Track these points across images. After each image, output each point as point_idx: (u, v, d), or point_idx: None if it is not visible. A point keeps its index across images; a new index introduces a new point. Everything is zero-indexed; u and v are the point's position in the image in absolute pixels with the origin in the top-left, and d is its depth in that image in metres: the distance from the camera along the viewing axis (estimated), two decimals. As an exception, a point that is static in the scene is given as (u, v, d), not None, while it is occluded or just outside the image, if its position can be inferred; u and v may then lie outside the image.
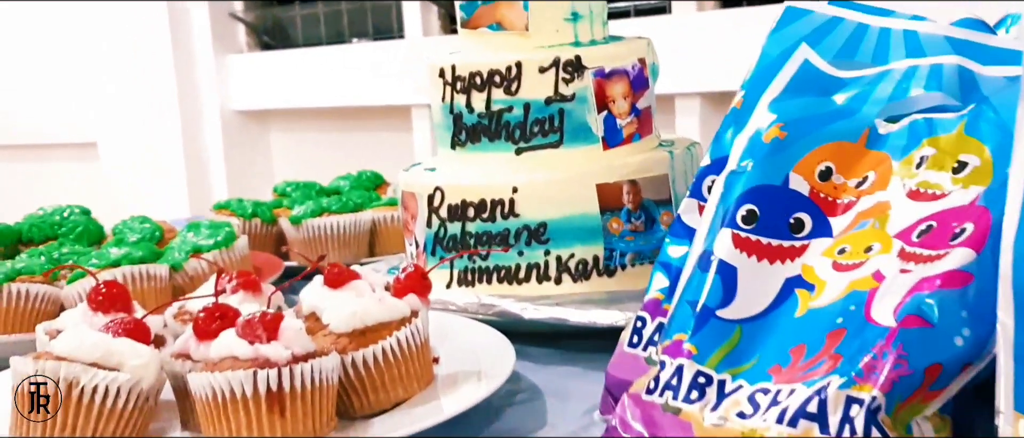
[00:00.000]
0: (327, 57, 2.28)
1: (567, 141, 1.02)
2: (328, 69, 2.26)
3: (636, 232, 1.01)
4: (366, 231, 1.25)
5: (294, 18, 2.43)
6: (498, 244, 1.01)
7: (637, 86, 1.05)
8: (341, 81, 2.25)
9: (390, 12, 2.28)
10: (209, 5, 2.39)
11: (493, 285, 1.02)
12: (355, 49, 2.28)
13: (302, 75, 2.31)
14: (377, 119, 2.30)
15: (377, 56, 2.21)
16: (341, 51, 2.28)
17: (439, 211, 1.04)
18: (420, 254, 1.07)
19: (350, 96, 2.24)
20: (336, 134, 2.36)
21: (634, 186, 1.01)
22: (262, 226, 1.29)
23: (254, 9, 2.44)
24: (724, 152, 0.86)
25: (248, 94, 2.41)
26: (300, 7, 2.41)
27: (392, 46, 2.20)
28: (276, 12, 2.44)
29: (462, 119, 1.05)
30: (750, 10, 1.81)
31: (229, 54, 2.42)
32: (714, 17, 1.85)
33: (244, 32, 2.44)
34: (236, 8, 2.42)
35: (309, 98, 2.32)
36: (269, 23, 2.45)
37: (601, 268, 1.00)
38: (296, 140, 2.44)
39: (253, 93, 2.41)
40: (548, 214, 1.00)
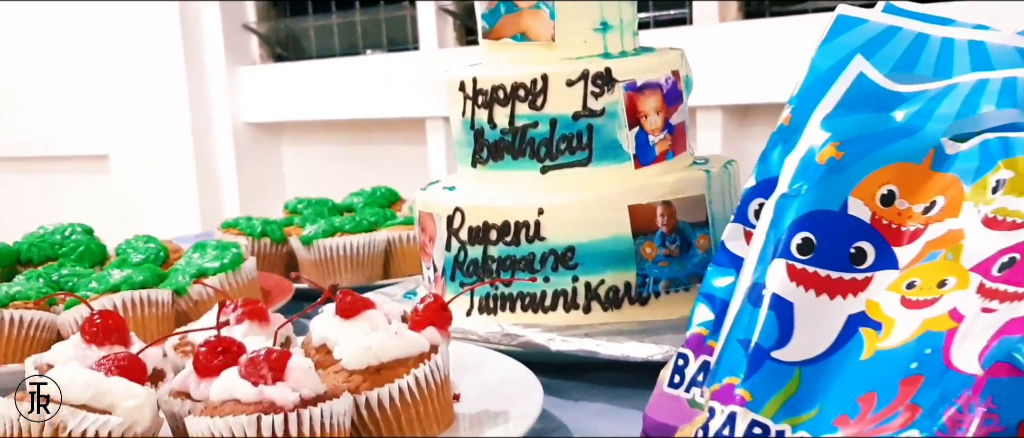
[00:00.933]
0: (340, 69, 2.20)
1: (596, 159, 0.94)
2: (341, 81, 2.19)
3: (671, 257, 0.92)
4: (381, 252, 1.17)
5: (307, 29, 2.36)
6: (522, 269, 0.93)
7: (670, 100, 0.96)
8: (355, 93, 2.17)
9: (404, 23, 2.20)
10: (221, 16, 2.31)
11: (517, 313, 0.93)
12: (369, 61, 2.20)
13: (315, 87, 2.23)
14: (391, 132, 2.22)
15: (391, 68, 2.13)
16: (355, 63, 2.20)
17: (459, 233, 0.95)
18: (438, 279, 0.98)
19: (364, 109, 2.16)
20: (349, 147, 2.28)
21: (668, 208, 0.92)
22: (272, 246, 1.21)
23: (267, 20, 2.36)
24: (772, 173, 0.78)
25: (260, 106, 2.33)
26: (313, 18, 2.33)
27: (406, 58, 2.12)
28: (289, 23, 2.37)
29: (484, 135, 0.96)
30: (773, 21, 1.72)
31: (241, 65, 2.34)
32: (736, 28, 1.76)
33: (257, 43, 2.36)
34: (249, 19, 2.35)
35: (322, 110, 2.24)
36: (282, 34, 2.37)
37: (633, 296, 0.92)
38: (309, 153, 2.36)
39: (265, 105, 2.33)
40: (576, 237, 0.91)
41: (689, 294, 0.93)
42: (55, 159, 2.63)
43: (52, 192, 2.65)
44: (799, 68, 0.83)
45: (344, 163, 2.30)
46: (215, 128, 2.37)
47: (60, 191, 2.64)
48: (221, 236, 1.22)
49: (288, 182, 2.41)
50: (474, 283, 0.95)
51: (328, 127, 2.30)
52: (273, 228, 1.21)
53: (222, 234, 1.23)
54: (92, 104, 2.50)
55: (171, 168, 2.39)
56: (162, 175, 2.41)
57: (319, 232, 1.14)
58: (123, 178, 2.48)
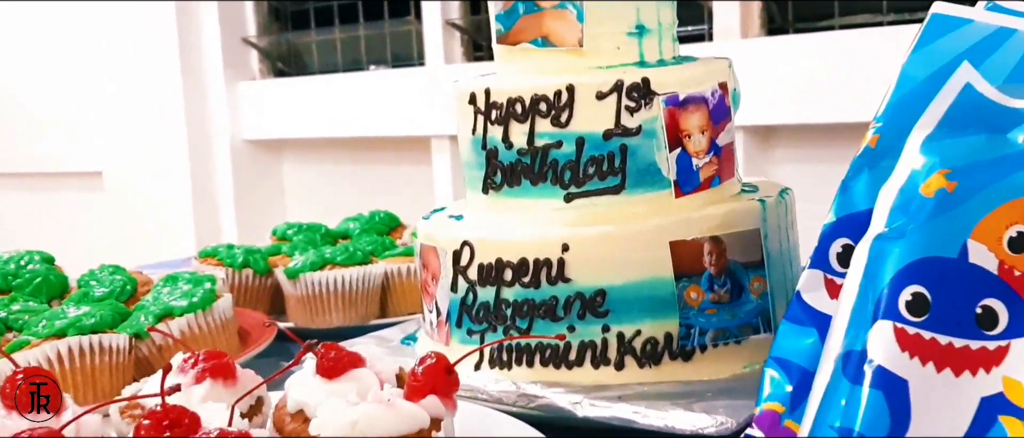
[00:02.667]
0: (343, 85, 2.05)
1: (630, 186, 0.76)
2: (344, 97, 2.03)
3: (720, 303, 0.75)
4: (377, 287, 0.99)
5: (309, 44, 2.20)
6: (543, 316, 0.75)
7: (717, 117, 0.79)
8: (358, 110, 2.02)
9: (410, 38, 2.04)
10: (221, 29, 2.16)
11: (536, 369, 0.76)
12: (373, 77, 2.05)
13: (317, 104, 2.08)
14: (395, 151, 2.06)
15: (396, 85, 1.98)
16: (358, 79, 2.05)
17: (467, 272, 0.78)
18: (442, 325, 0.81)
19: (367, 126, 2.01)
20: (352, 165, 2.13)
21: (717, 245, 0.75)
22: (255, 278, 1.04)
23: (267, 34, 2.20)
24: (857, 207, 0.61)
25: (260, 123, 2.18)
26: (316, 32, 2.18)
27: (412, 74, 1.97)
28: (291, 37, 2.21)
29: (497, 156, 0.79)
30: (798, 38, 1.55)
31: (241, 81, 2.19)
32: (758, 45, 1.59)
33: (257, 58, 2.21)
34: (249, 33, 2.19)
35: (324, 128, 2.09)
36: (283, 49, 2.21)
37: (675, 349, 0.74)
38: (310, 172, 2.20)
39: (265, 122, 2.18)
40: (607, 279, 0.74)
41: (741, 348, 0.75)
42: (47, 175, 2.46)
43: (43, 210, 2.48)
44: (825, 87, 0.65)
45: (346, 182, 2.14)
46: (213, 145, 2.21)
47: (52, 209, 2.47)
48: (197, 266, 1.05)
49: (288, 202, 2.25)
50: (485, 331, 0.77)
51: (330, 145, 2.15)
52: (257, 258, 1.04)
53: (199, 264, 1.05)
54: (86, 119, 2.34)
55: (167, 186, 2.24)
56: (157, 193, 2.26)
57: (306, 265, 0.96)
58: (117, 196, 2.32)
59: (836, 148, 1.55)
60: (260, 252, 1.06)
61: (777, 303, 0.77)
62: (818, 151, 1.60)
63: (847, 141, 1.58)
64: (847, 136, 1.51)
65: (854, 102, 1.44)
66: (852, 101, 1.44)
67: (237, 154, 2.20)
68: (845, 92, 1.46)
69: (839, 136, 1.53)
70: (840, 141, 1.53)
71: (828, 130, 1.54)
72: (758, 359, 0.75)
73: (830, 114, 1.49)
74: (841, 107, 1.47)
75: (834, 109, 1.48)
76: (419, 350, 0.84)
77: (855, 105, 1.45)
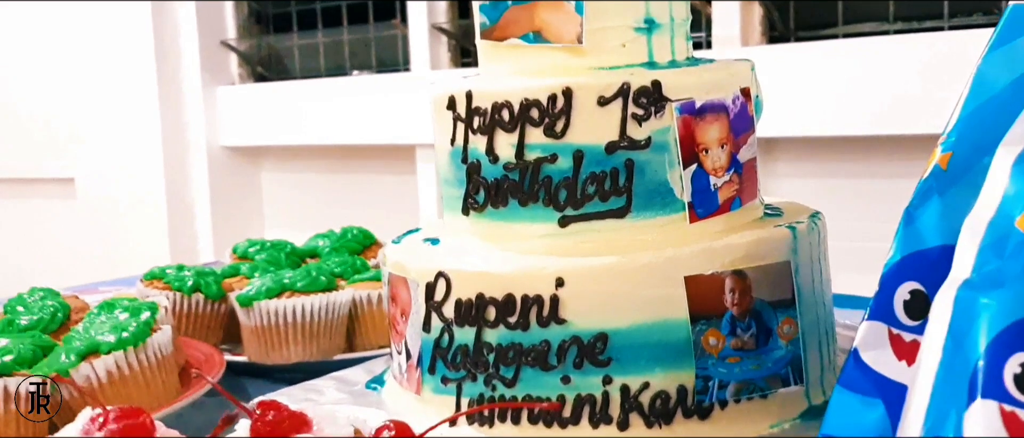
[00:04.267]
0: (326, 90, 1.93)
1: (637, 208, 0.62)
2: (327, 104, 1.93)
3: (743, 350, 0.61)
4: (342, 317, 0.85)
5: (291, 48, 2.07)
6: (532, 364, 0.61)
7: (739, 128, 0.65)
8: (341, 117, 1.91)
9: (395, 43, 1.93)
10: (198, 32, 2.04)
11: (523, 426, 0.62)
12: (356, 82, 1.94)
13: (298, 109, 1.97)
14: (379, 159, 1.93)
15: (380, 90, 1.86)
16: (341, 84, 1.94)
17: (442, 309, 0.64)
18: (412, 370, 0.67)
19: (350, 134, 1.90)
20: (334, 174, 2.01)
21: (741, 281, 0.61)
22: (206, 304, 0.89)
23: (247, 37, 2.07)
24: (926, 243, 0.47)
25: (239, 129, 2.06)
26: (298, 36, 2.05)
27: (397, 79, 1.86)
28: (271, 41, 2.08)
29: (480, 172, 0.65)
30: (800, 47, 1.42)
31: (219, 85, 2.07)
32: (759, 54, 1.45)
33: (236, 62, 2.09)
34: (228, 36, 2.06)
35: (305, 135, 1.97)
36: (263, 52, 2.09)
37: (690, 406, 0.60)
38: (290, 180, 2.08)
39: (244, 128, 2.06)
40: (610, 321, 0.60)
41: (767, 404, 0.62)
42: (16, 181, 2.32)
43: (12, 218, 2.34)
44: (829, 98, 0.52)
45: (328, 191, 2.01)
46: (190, 152, 2.09)
47: (21, 217, 2.32)
48: (142, 290, 0.91)
49: (267, 211, 2.11)
50: (462, 380, 0.64)
51: (311, 153, 2.02)
52: (209, 282, 0.89)
53: (143, 288, 0.91)
54: (57, 123, 2.21)
55: (141, 194, 2.11)
56: (132, 202, 2.12)
57: (261, 291, 0.82)
58: (89, 204, 2.19)
59: (842, 162, 1.43)
60: (214, 274, 0.92)
61: (809, 351, 0.63)
62: (823, 165, 1.47)
63: (854, 155, 1.45)
64: (853, 150, 1.38)
65: (860, 114, 1.32)
66: (858, 113, 1.31)
67: (215, 161, 2.08)
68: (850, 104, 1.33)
69: (845, 150, 1.41)
70: (846, 155, 1.41)
71: (833, 143, 1.42)
72: (787, 417, 0.61)
73: (835, 127, 1.36)
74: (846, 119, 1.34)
75: (839, 121, 1.36)
76: (386, 398, 0.70)
77: (861, 117, 1.32)
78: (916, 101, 1.25)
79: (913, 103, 1.26)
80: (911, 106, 1.26)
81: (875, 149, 1.37)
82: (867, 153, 1.38)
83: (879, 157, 1.37)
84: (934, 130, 1.27)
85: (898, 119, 1.28)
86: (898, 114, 1.28)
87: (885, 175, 1.36)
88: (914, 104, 1.26)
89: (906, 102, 1.26)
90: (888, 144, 1.34)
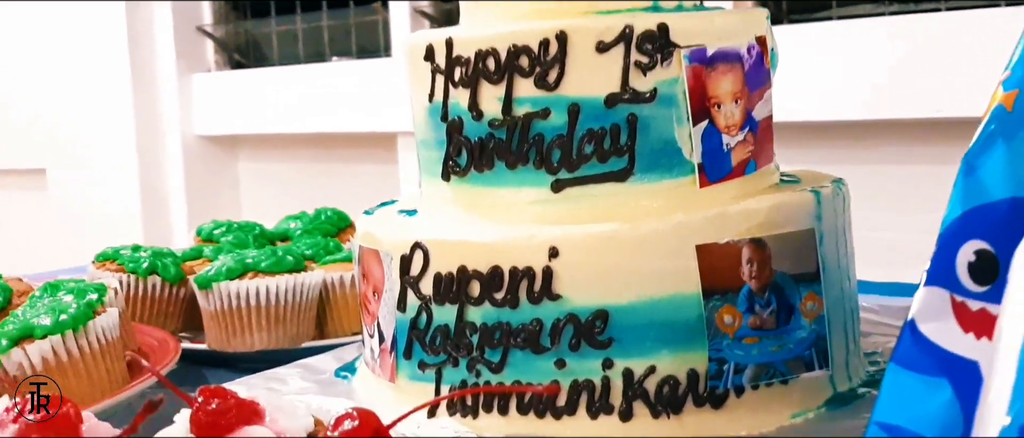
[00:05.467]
0: (304, 77, 1.86)
1: (641, 170, 0.54)
2: (305, 91, 1.87)
3: (762, 330, 0.53)
4: (312, 301, 0.76)
5: (269, 34, 2.00)
6: (522, 346, 0.53)
7: (754, 82, 0.57)
8: (320, 105, 1.85)
9: (376, 28, 1.86)
10: (173, 18, 1.96)
11: (511, 417, 0.53)
12: (336, 69, 1.87)
13: (276, 97, 1.91)
14: (360, 148, 1.86)
15: (361, 77, 1.79)
16: (320, 71, 1.87)
17: (420, 285, 0.55)
18: (385, 355, 0.58)
19: (329, 121, 1.84)
20: (312, 164, 1.94)
21: (760, 251, 0.52)
22: (164, 288, 0.81)
23: (224, 23, 2.00)
24: (991, 196, 0.39)
25: (215, 118, 1.99)
26: (276, 22, 1.98)
27: (378, 66, 1.80)
28: (248, 27, 2.00)
29: (462, 130, 0.57)
30: (792, 29, 1.35)
31: (195, 73, 2.01)
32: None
33: (212, 48, 2.01)
34: (204, 21, 1.98)
35: (283, 123, 1.91)
36: (240, 39, 2.02)
37: (702, 393, 0.52)
38: (267, 170, 2.00)
39: (221, 117, 1.99)
40: (610, 296, 0.52)
41: (789, 390, 0.53)
42: (-15, 172, 2.23)
43: (-19, 209, 2.25)
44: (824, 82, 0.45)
45: (306, 182, 1.94)
46: (164, 141, 2.02)
47: (-10, 208, 2.23)
48: (92, 273, 0.82)
49: (244, 202, 2.03)
50: (442, 365, 0.55)
51: (289, 142, 1.95)
52: (167, 263, 0.80)
53: (95, 270, 0.82)
54: (27, 113, 2.12)
55: (114, 185, 2.04)
56: (104, 193, 2.05)
57: (222, 272, 0.73)
58: (61, 195, 2.11)
59: (837, 148, 1.35)
60: (172, 256, 0.83)
61: (834, 331, 0.55)
62: (818, 151, 1.39)
63: (849, 140, 1.38)
64: (849, 135, 1.30)
65: (855, 99, 1.24)
66: (853, 98, 1.23)
67: (190, 151, 2.00)
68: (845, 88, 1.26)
69: (840, 135, 1.33)
70: (841, 140, 1.33)
71: (827, 129, 1.34)
72: (810, 405, 0.53)
73: (829, 111, 1.29)
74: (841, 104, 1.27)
75: (834, 106, 1.28)
76: (357, 387, 0.61)
77: (856, 102, 1.25)
78: (911, 84, 1.17)
79: (908, 86, 1.18)
80: (906, 89, 1.19)
81: (870, 134, 1.29)
82: (862, 139, 1.31)
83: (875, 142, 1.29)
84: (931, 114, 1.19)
85: (893, 103, 1.21)
86: (893, 98, 1.21)
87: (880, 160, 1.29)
88: (909, 87, 1.18)
89: (901, 85, 1.18)
90: (884, 129, 1.26)
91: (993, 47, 1.12)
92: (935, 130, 1.19)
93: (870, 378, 0.58)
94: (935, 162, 1.16)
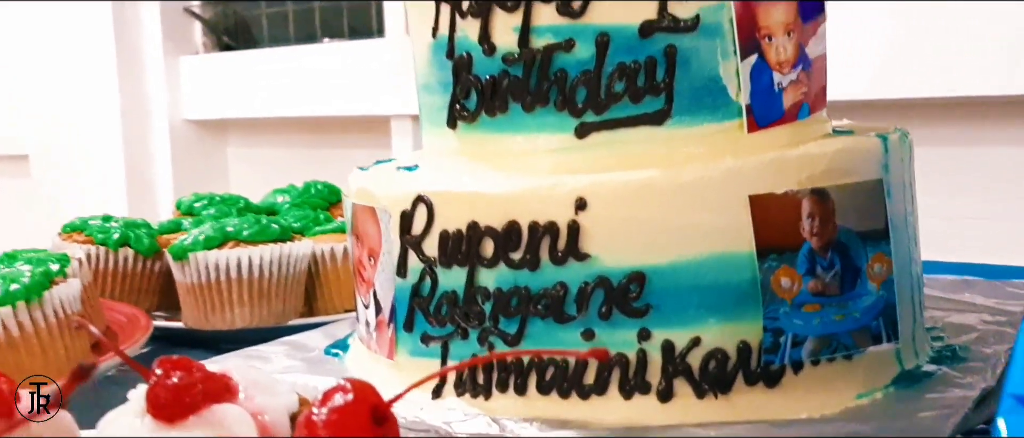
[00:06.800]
0: (295, 60, 1.80)
1: (680, 112, 0.46)
2: (296, 74, 1.80)
3: (825, 296, 0.44)
4: (300, 274, 0.67)
5: (259, 16, 1.93)
6: (544, 315, 0.44)
7: (808, 13, 0.49)
8: (311, 88, 1.79)
9: (368, 10, 1.79)
10: None
11: (530, 398, 0.45)
12: (327, 50, 1.79)
13: (266, 80, 1.85)
14: (352, 132, 1.78)
15: (353, 59, 1.72)
16: (311, 53, 1.80)
17: (423, 245, 0.47)
18: (383, 328, 0.50)
19: (321, 105, 1.77)
20: (304, 148, 1.87)
21: (822, 204, 0.44)
22: (137, 261, 0.72)
23: (212, 4, 1.91)
24: None
25: (203, 101, 1.93)
26: (266, 3, 1.91)
27: (370, 47, 1.73)
28: (238, 8, 1.92)
29: (471, 68, 0.48)
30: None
31: (182, 55, 1.94)
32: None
33: (201, 31, 1.94)
34: (192, 3, 1.90)
35: (273, 107, 1.84)
36: (229, 20, 1.95)
37: (754, 369, 0.44)
38: (257, 155, 1.93)
39: (209, 100, 1.92)
40: (647, 256, 0.43)
41: (853, 366, 0.45)
42: (-36, 159, 2.14)
43: (-38, 196, 2.16)
44: None
45: (297, 167, 1.86)
46: (151, 126, 1.95)
47: (-29, 195, 2.15)
48: (58, 244, 0.73)
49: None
50: (449, 339, 0.47)
51: (280, 126, 1.88)
52: (140, 235, 0.72)
53: (60, 241, 0.73)
54: (9, 97, 2.04)
55: (99, 171, 1.96)
56: (89, 179, 1.97)
57: (199, 241, 0.65)
58: (45, 182, 2.04)
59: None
60: (147, 227, 0.74)
61: (902, 300, 0.47)
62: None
63: (857, 120, 1.30)
64: (855, 116, 1.22)
65: (860, 77, 1.15)
66: (858, 76, 1.15)
67: (177, 136, 1.93)
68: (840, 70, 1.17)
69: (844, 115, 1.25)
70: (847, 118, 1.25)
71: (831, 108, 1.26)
72: (878, 384, 0.45)
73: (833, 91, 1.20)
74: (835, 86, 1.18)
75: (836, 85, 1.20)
76: (350, 365, 0.53)
77: (862, 81, 1.17)
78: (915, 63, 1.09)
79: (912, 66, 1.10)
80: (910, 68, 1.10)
81: (876, 115, 1.21)
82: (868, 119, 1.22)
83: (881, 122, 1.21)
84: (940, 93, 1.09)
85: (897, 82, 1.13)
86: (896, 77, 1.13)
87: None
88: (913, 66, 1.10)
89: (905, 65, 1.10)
90: (889, 109, 1.18)
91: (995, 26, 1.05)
92: (943, 110, 1.11)
93: (937, 354, 0.50)
94: (944, 143, 1.07)
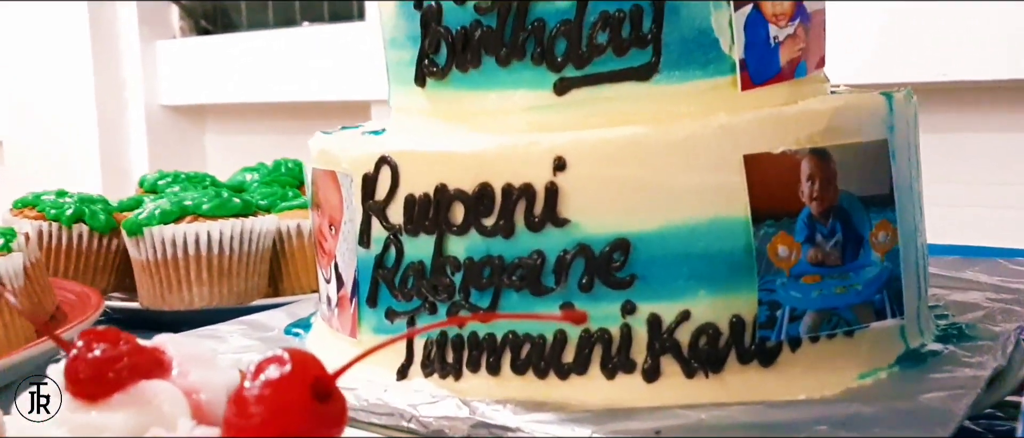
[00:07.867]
0: (274, 44, 1.76)
1: (668, 66, 0.42)
2: (275, 58, 1.78)
3: (825, 267, 0.40)
4: (264, 251, 0.63)
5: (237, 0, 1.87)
6: (519, 287, 0.40)
7: (806, -37, 0.45)
8: (290, 72, 1.77)
9: None
10: (137, -18, 1.83)
11: (504, 377, 0.41)
12: (306, 34, 1.76)
13: (244, 64, 1.82)
14: (332, 117, 1.74)
15: (332, 43, 1.69)
16: (291, 36, 1.77)
17: (387, 211, 0.42)
18: (345, 303, 0.45)
19: (300, 90, 1.74)
20: (282, 135, 1.84)
21: (823, 165, 0.40)
22: (92, 238, 0.67)
23: (190, -13, 1.87)
24: None
25: (180, 87, 1.90)
26: (245, -13, 1.85)
27: (350, 31, 1.71)
28: (216, -9, 1.87)
29: (441, 19, 0.44)
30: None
31: (159, 40, 1.92)
32: None
33: (178, 14, 1.90)
34: (169, -14, 1.86)
35: (251, 92, 1.81)
36: (207, 4, 1.89)
37: (748, 346, 0.40)
38: (235, 141, 1.90)
39: (186, 86, 1.89)
40: (632, 222, 0.39)
41: (855, 344, 0.41)
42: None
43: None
44: None
45: (276, 153, 1.80)
46: (127, 112, 1.92)
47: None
48: (7, 219, 0.68)
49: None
50: (415, 313, 0.42)
51: (258, 111, 1.85)
52: (95, 210, 0.67)
53: (10, 217, 0.69)
54: (-18, 81, 1.99)
55: (74, 158, 1.93)
56: (64, 166, 1.94)
57: (155, 215, 0.60)
58: (18, 168, 2.00)
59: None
60: (103, 203, 0.70)
61: (907, 273, 0.43)
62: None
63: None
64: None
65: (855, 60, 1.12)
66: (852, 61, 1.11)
67: (153, 122, 1.90)
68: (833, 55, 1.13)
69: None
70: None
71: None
72: (881, 363, 0.41)
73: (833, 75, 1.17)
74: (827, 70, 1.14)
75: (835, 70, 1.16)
76: (310, 345, 0.49)
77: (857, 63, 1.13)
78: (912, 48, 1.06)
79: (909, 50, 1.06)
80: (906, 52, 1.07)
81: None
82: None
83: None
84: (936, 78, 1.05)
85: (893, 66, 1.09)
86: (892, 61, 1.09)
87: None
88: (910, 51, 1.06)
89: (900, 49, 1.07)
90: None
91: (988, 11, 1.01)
92: (935, 95, 1.07)
93: (943, 333, 0.46)
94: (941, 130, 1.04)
